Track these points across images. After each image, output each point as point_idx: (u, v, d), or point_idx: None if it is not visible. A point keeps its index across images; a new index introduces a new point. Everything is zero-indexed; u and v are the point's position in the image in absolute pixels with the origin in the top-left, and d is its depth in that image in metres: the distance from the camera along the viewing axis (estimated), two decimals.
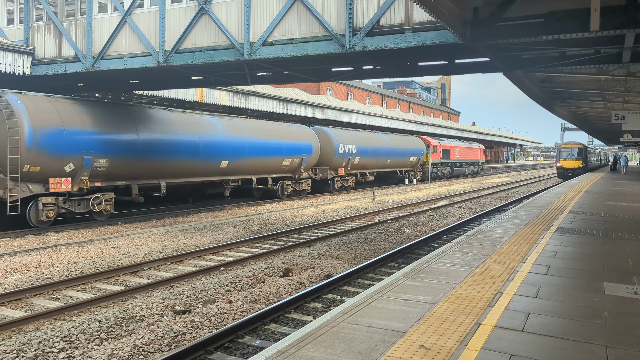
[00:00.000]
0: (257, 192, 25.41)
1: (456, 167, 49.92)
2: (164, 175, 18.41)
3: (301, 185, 26.83)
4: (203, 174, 20.12)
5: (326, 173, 28.78)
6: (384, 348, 4.23)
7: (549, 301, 5.61)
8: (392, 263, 11.56)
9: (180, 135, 18.59)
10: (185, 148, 18.65)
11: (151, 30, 13.29)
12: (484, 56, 12.15)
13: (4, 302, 8.36)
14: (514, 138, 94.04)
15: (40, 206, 14.78)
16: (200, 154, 19.34)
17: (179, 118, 19.12)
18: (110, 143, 16.13)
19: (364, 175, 33.39)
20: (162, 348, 6.49)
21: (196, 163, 19.33)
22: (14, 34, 15.69)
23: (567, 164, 42.78)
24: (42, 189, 14.77)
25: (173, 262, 11.46)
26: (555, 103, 24.93)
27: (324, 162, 28.62)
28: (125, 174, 16.98)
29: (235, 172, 21.63)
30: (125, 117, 16.92)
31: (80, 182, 15.51)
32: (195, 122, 19.68)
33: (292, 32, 11.65)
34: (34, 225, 14.82)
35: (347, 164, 30.13)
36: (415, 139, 40.59)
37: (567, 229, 10.87)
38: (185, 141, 18.68)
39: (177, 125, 18.72)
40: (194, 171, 19.54)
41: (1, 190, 13.82)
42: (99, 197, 16.32)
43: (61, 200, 15.28)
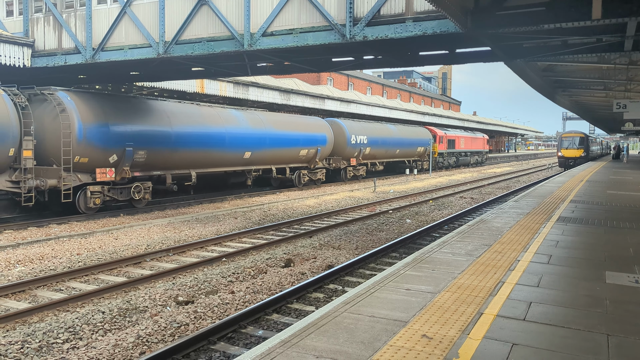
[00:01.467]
0: (275, 182, 26.56)
1: (461, 157, 50.78)
2: (194, 165, 19.61)
3: (316, 175, 28.03)
4: (228, 164, 21.41)
5: (339, 163, 29.97)
6: (386, 337, 4.25)
7: (550, 290, 5.63)
8: (393, 253, 11.59)
9: (209, 128, 19.76)
10: (213, 140, 19.87)
11: (151, 21, 13.23)
12: (485, 45, 12.09)
13: (8, 294, 8.40)
14: (515, 127, 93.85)
15: (88, 194, 16.05)
16: (227, 145, 20.62)
17: (206, 112, 20.32)
18: (148, 136, 17.32)
19: (374, 164, 34.56)
20: (166, 338, 6.53)
21: (222, 154, 20.61)
22: (14, 25, 15.64)
23: (568, 153, 42.71)
24: (89, 179, 16.04)
25: (175, 253, 11.50)
26: (557, 92, 24.85)
27: (337, 153, 29.72)
28: (160, 165, 18.25)
29: (257, 162, 22.93)
30: (160, 112, 18.16)
31: (123, 172, 16.69)
32: (221, 115, 20.91)
33: (292, 22, 11.60)
34: (82, 211, 16.02)
35: (358, 154, 31.28)
36: (422, 130, 41.47)
37: (568, 218, 10.88)
38: (213, 133, 19.87)
39: (205, 118, 19.91)
40: (221, 161, 20.84)
41: (55, 180, 15.00)
42: (139, 185, 17.65)
43: (106, 189, 16.59)
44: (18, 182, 14.41)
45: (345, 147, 29.95)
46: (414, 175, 37.48)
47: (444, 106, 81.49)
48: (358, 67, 16.49)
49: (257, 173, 23.58)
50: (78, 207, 15.89)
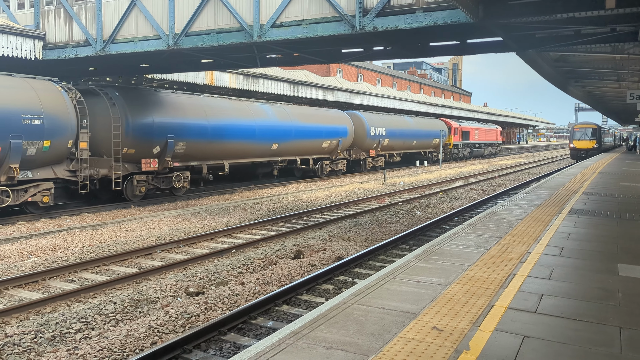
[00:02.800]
0: (298, 172, 27.69)
1: (475, 148, 51.74)
2: (227, 156, 20.88)
3: (337, 165, 29.18)
4: (257, 155, 22.68)
5: (359, 154, 31.03)
6: (396, 329, 4.25)
7: (562, 283, 5.60)
8: (403, 245, 11.57)
9: (240, 120, 20.98)
10: (244, 132, 21.11)
11: (160, 13, 13.23)
12: (497, 36, 11.97)
13: (22, 284, 8.51)
14: (526, 119, 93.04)
15: (134, 183, 17.31)
16: (256, 137, 21.86)
17: (238, 105, 21.59)
18: (187, 128, 18.48)
19: (392, 156, 35.72)
20: (177, 329, 6.58)
21: (253, 145, 21.87)
22: (25, 18, 15.71)
23: (580, 145, 42.32)
24: (135, 168, 17.30)
25: (186, 245, 11.57)
26: (569, 83, 24.59)
27: (357, 144, 30.66)
28: (197, 155, 19.42)
29: (283, 153, 24.18)
30: (197, 106, 19.31)
31: (165, 163, 17.88)
32: (251, 108, 22.16)
33: (301, 13, 11.54)
34: (129, 199, 17.33)
35: (377, 145, 32.35)
36: (437, 122, 42.34)
37: (580, 210, 10.79)
38: (244, 126, 21.13)
39: (237, 112, 21.11)
40: (251, 152, 22.09)
41: (106, 169, 16.24)
42: (179, 175, 18.88)
43: (150, 178, 17.90)
44: (75, 172, 15.59)
45: (365, 139, 30.84)
46: (424, 167, 37.36)
47: (455, 97, 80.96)
48: (368, 58, 16.40)
49: (283, 164, 24.85)
50: (125, 195, 17.20)
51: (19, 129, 13.57)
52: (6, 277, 8.68)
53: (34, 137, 13.94)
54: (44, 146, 14.18)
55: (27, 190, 14.34)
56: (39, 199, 14.60)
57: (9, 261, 9.97)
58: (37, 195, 14.57)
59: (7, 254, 10.42)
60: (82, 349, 5.92)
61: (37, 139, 14.01)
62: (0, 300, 7.86)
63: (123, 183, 16.91)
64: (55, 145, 14.53)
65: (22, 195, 14.22)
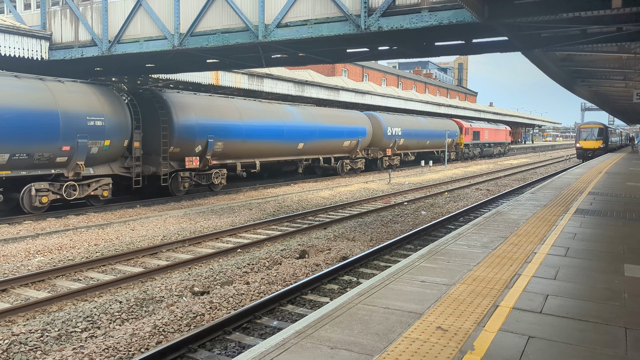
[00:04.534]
0: (319, 170, 28.99)
1: (485, 148, 53.19)
2: (259, 155, 22.32)
3: (357, 164, 30.60)
4: (285, 153, 24.13)
5: (376, 153, 32.45)
6: (401, 329, 4.25)
7: (567, 283, 5.58)
8: (408, 245, 11.56)
9: (271, 121, 22.47)
10: (274, 132, 22.59)
11: (166, 14, 13.28)
12: (503, 35, 11.93)
13: (28, 283, 8.55)
14: (532, 118, 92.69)
15: (179, 179, 18.75)
16: (285, 137, 23.31)
17: (268, 107, 23.11)
18: (225, 129, 19.86)
19: (407, 155, 37.18)
20: (182, 328, 6.60)
21: (281, 144, 23.28)
22: (31, 18, 15.79)
23: (587, 145, 42.13)
24: (179, 166, 18.66)
25: (191, 244, 11.60)
26: (576, 82, 24.48)
27: (375, 144, 32.06)
28: (233, 154, 20.85)
29: (307, 152, 25.64)
30: (232, 108, 20.78)
31: (205, 161, 19.28)
32: (279, 110, 23.62)
33: (306, 13, 11.55)
34: (173, 194, 18.73)
35: (393, 145, 33.75)
36: (449, 122, 43.61)
37: (586, 210, 10.75)
38: (274, 126, 22.61)
39: (267, 113, 22.59)
40: (279, 151, 23.50)
41: (155, 167, 17.67)
42: (217, 172, 20.30)
43: (192, 175, 19.25)
44: (128, 168, 17.02)
45: (382, 139, 32.17)
46: (429, 166, 37.30)
47: (460, 97, 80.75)
48: (373, 58, 16.38)
49: (307, 162, 26.42)
50: (170, 190, 18.66)
51: (84, 130, 15.01)
52: (13, 276, 8.73)
53: (97, 137, 15.39)
54: (104, 145, 15.68)
55: (90, 185, 15.89)
56: (99, 193, 16.21)
57: (15, 260, 10.02)
58: (98, 189, 16.15)
59: (13, 253, 10.48)
60: (88, 347, 5.94)
61: (99, 138, 15.48)
62: (7, 299, 7.91)
63: (168, 180, 18.43)
64: (114, 145, 16.02)
65: (85, 190, 15.75)
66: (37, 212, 14.54)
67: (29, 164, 14.06)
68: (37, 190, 14.38)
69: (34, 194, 14.31)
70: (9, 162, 13.48)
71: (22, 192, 14.14)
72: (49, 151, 14.29)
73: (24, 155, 13.72)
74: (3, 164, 13.40)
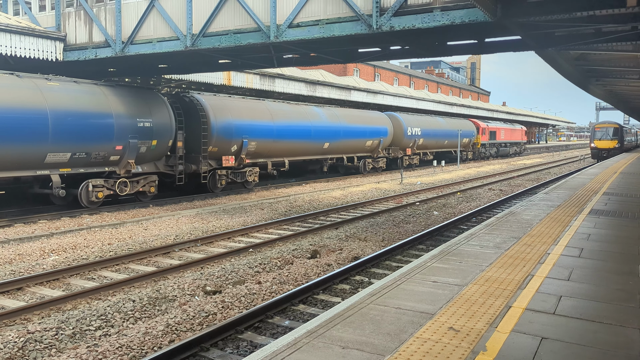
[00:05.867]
0: (342, 169, 30.07)
1: (501, 148, 54.09)
2: (288, 154, 23.47)
3: (378, 163, 31.64)
4: (311, 153, 25.30)
5: (397, 152, 33.69)
6: (412, 329, 4.24)
7: (581, 284, 5.53)
8: (420, 245, 11.52)
9: (299, 122, 23.66)
10: (302, 132, 23.79)
11: (178, 14, 13.36)
12: (516, 34, 11.85)
13: (43, 282, 8.66)
14: (545, 118, 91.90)
15: (217, 177, 19.88)
16: (312, 137, 24.47)
17: (296, 109, 24.29)
18: (258, 129, 21.03)
19: (426, 154, 38.30)
20: (194, 327, 6.64)
21: (308, 144, 24.46)
22: (46, 20, 15.98)
23: (601, 145, 41.67)
24: (217, 164, 19.74)
25: (203, 244, 11.66)
26: (590, 81, 24.22)
27: (396, 143, 33.24)
28: (265, 153, 22.02)
29: (332, 151, 26.78)
30: (264, 109, 21.94)
31: (240, 159, 20.49)
32: (306, 111, 24.81)
33: (318, 13, 11.56)
34: (211, 190, 19.93)
35: (413, 144, 34.83)
36: (467, 122, 44.82)
37: (601, 210, 10.64)
38: (302, 127, 23.81)
39: (296, 114, 23.76)
40: (306, 151, 24.66)
41: (195, 165, 18.77)
42: (251, 170, 21.50)
43: (229, 173, 20.42)
44: (172, 167, 18.27)
45: (402, 138, 33.27)
46: (441, 166, 37.14)
47: (473, 97, 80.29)
48: (385, 57, 16.35)
49: (332, 161, 27.55)
50: (209, 187, 19.80)
51: (135, 131, 16.23)
52: (28, 274, 8.85)
53: (145, 137, 16.60)
54: (152, 145, 16.88)
55: (139, 181, 17.08)
56: (147, 189, 17.42)
57: (30, 259, 10.15)
58: (146, 186, 17.35)
59: (29, 252, 10.61)
60: (102, 346, 6.00)
61: (148, 138, 16.68)
62: (23, 297, 8.02)
63: (207, 177, 19.56)
64: (160, 144, 17.23)
65: (135, 186, 16.93)
66: (93, 206, 15.75)
67: (87, 162, 15.32)
68: (93, 186, 15.63)
69: (91, 190, 15.56)
70: (70, 160, 14.75)
71: (80, 187, 15.35)
72: (104, 150, 15.52)
73: (82, 154, 14.96)
74: (65, 162, 14.67)
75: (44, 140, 13.91)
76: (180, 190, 19.67)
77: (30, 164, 13.98)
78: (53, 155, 14.25)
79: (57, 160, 14.43)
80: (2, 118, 13.09)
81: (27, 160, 13.81)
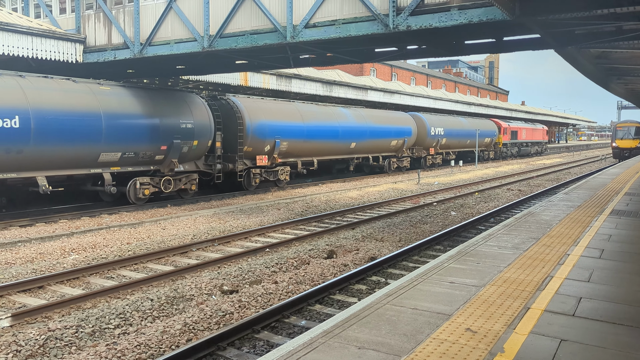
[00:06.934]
0: (367, 168, 31.04)
1: (523, 147, 54.35)
2: (317, 153, 24.37)
3: (403, 162, 32.43)
4: (339, 152, 26.11)
5: (420, 152, 34.31)
6: (429, 330, 4.21)
7: (602, 285, 5.44)
8: (437, 246, 11.44)
9: (327, 123, 24.44)
10: (330, 133, 24.58)
11: (196, 16, 13.46)
12: (535, 32, 11.71)
13: (63, 281, 8.79)
14: (565, 117, 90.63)
15: (251, 175, 20.95)
16: (339, 137, 25.26)
17: (325, 110, 25.12)
18: (289, 130, 21.94)
19: (448, 154, 38.96)
20: (211, 326, 6.68)
21: (336, 144, 25.27)
22: (66, 22, 16.22)
23: (623, 144, 41.00)
24: (251, 164, 20.71)
25: (220, 243, 11.73)
26: (611, 80, 23.84)
27: (419, 143, 33.88)
28: (295, 153, 22.90)
29: (359, 151, 27.56)
30: (295, 111, 22.85)
31: (272, 159, 21.48)
32: (334, 112, 25.62)
33: (334, 13, 11.56)
34: (245, 188, 20.94)
35: (436, 144, 35.47)
36: (488, 122, 45.39)
37: (622, 211, 10.46)
38: (331, 127, 24.59)
39: (325, 115, 24.56)
40: (334, 150, 25.47)
41: (232, 164, 19.74)
42: (282, 169, 22.47)
43: (262, 171, 21.49)
44: (211, 165, 19.21)
45: (426, 138, 33.91)
46: (459, 166, 36.88)
47: (491, 96, 79.55)
48: (401, 57, 16.28)
49: (358, 160, 28.33)
50: (243, 185, 20.80)
51: (178, 132, 17.24)
52: (49, 273, 8.99)
53: (188, 138, 17.59)
54: (193, 145, 17.86)
55: (181, 179, 18.06)
56: (188, 187, 18.40)
57: (51, 258, 10.31)
58: (187, 183, 18.32)
59: (50, 251, 10.78)
60: (121, 344, 6.07)
61: (189, 139, 17.67)
62: (44, 295, 8.15)
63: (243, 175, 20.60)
64: (200, 144, 18.20)
65: (177, 184, 17.90)
66: (139, 202, 16.69)
67: (135, 161, 16.34)
68: (141, 184, 16.62)
69: (139, 187, 16.57)
70: (120, 159, 15.78)
71: (129, 185, 16.36)
72: (151, 150, 16.52)
73: (131, 153, 15.98)
74: (115, 161, 15.69)
75: (98, 140, 14.93)
76: (216, 188, 20.51)
77: (85, 163, 15.02)
78: (105, 154, 15.27)
79: (109, 160, 15.48)
80: (63, 120, 14.07)
81: (82, 159, 14.84)
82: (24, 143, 13.36)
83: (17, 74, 13.91)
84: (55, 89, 14.26)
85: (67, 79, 14.88)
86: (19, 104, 13.27)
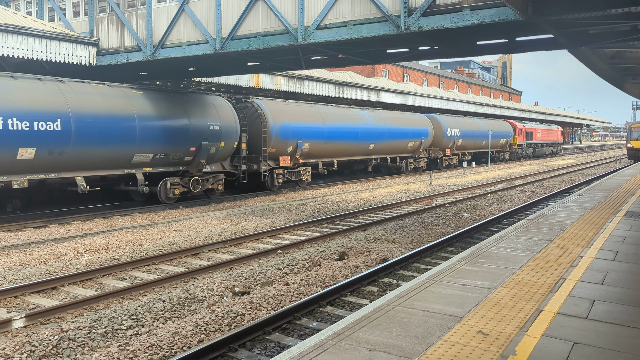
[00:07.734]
0: (385, 169, 31.58)
1: (538, 148, 54.55)
2: (337, 154, 24.96)
3: (419, 163, 32.85)
4: (358, 153, 26.67)
5: (437, 153, 34.77)
6: (440, 332, 4.19)
7: (615, 288, 5.37)
8: (449, 247, 11.38)
9: (347, 124, 25.06)
10: (350, 134, 25.14)
11: (208, 18, 13.53)
12: (547, 32, 11.61)
13: (77, 282, 8.87)
14: (579, 118, 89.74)
15: (274, 175, 21.51)
16: (358, 138, 25.82)
17: (344, 112, 25.71)
18: (310, 131, 22.54)
19: (464, 155, 39.40)
20: (223, 328, 6.70)
21: (355, 145, 25.80)
22: (80, 26, 16.39)
23: (638, 145, 40.47)
24: (274, 164, 21.26)
25: (232, 245, 11.77)
26: (626, 80, 23.57)
27: (436, 144, 34.37)
28: (316, 154, 23.51)
29: (377, 152, 28.17)
30: (316, 113, 23.48)
31: (295, 160, 22.08)
32: (353, 114, 26.18)
33: (346, 14, 11.55)
34: (269, 188, 21.45)
35: (452, 145, 35.98)
36: (503, 123, 45.76)
37: (637, 212, 10.32)
38: (350, 129, 25.17)
39: (344, 117, 25.16)
40: (353, 151, 26.03)
41: (256, 165, 20.30)
42: (304, 170, 23.06)
43: (285, 172, 22.03)
44: (236, 166, 19.89)
45: (442, 139, 34.36)
46: (471, 167, 36.66)
47: (504, 97, 79.01)
48: (413, 58, 16.23)
49: (376, 161, 29.01)
50: (267, 185, 21.33)
51: (206, 134, 17.83)
52: (62, 274, 9.08)
53: (215, 140, 18.18)
54: (220, 146, 18.47)
55: (208, 179, 18.68)
56: (215, 187, 19.07)
57: (65, 259, 10.41)
58: (214, 184, 18.96)
59: (63, 252, 10.89)
60: (133, 345, 6.11)
61: (217, 140, 18.27)
62: (57, 296, 8.23)
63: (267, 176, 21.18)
64: (227, 146, 18.83)
65: (205, 184, 18.53)
66: (170, 201, 17.33)
67: (166, 162, 17.00)
68: (171, 184, 17.28)
69: (169, 187, 17.21)
70: (152, 160, 16.41)
71: (159, 185, 16.98)
72: (180, 151, 17.16)
73: (162, 154, 16.62)
74: (147, 161, 16.33)
75: (132, 142, 15.57)
76: (240, 188, 21.11)
77: (119, 164, 15.67)
78: (139, 155, 15.91)
79: (141, 161, 16.12)
80: (100, 123, 14.71)
81: (117, 160, 15.48)
82: (64, 145, 13.97)
83: (57, 79, 14.44)
84: (93, 93, 14.93)
85: (102, 83, 15.51)
86: (60, 108, 13.87)
